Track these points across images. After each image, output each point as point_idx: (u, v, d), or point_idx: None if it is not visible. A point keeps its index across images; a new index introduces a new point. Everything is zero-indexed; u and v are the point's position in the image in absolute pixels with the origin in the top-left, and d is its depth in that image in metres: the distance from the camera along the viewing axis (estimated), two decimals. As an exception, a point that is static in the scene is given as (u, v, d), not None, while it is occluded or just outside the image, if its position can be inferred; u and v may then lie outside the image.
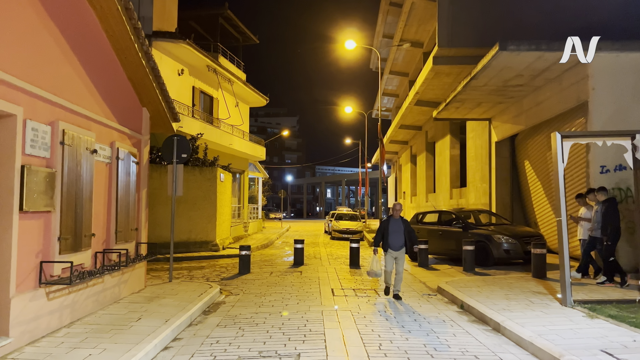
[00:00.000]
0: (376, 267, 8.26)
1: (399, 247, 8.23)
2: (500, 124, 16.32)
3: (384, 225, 8.32)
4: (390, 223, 8.27)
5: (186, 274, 11.49)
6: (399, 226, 8.24)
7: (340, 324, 6.49)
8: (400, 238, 8.20)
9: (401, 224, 8.27)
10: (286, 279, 10.60)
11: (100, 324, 6.00)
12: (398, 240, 8.20)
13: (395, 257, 8.24)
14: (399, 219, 8.33)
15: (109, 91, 7.21)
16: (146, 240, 8.81)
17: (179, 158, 9.80)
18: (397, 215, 8.36)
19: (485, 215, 14.48)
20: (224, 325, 6.52)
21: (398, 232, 8.20)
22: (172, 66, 19.16)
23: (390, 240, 8.17)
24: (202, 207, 16.25)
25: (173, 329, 5.91)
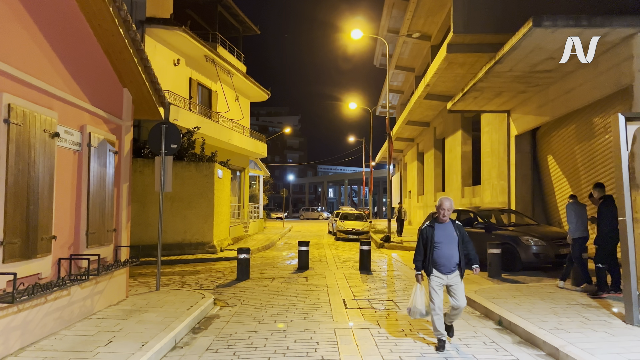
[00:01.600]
0: (421, 302, 5.43)
1: (451, 267, 5.22)
2: (520, 116, 15.07)
3: (426, 235, 5.34)
4: (437, 231, 5.28)
5: (178, 280, 10.27)
6: (449, 235, 5.23)
7: (359, 349, 5.26)
8: (453, 253, 5.20)
9: (453, 230, 5.26)
10: (290, 286, 9.37)
11: (57, 350, 4.78)
12: (450, 257, 5.20)
13: (447, 284, 5.27)
14: (448, 224, 5.30)
15: (79, 64, 5.99)
16: (128, 243, 7.59)
17: (167, 149, 8.58)
18: (447, 218, 5.30)
19: (507, 215, 13.21)
20: (215, 350, 5.30)
21: (449, 245, 5.21)
22: (168, 56, 17.95)
23: (436, 257, 5.23)
24: (198, 206, 15.04)
25: (150, 357, 4.69)
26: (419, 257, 5.42)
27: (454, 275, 5.28)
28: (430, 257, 5.28)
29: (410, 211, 37.66)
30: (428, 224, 5.45)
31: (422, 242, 5.41)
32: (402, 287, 9.39)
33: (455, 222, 5.37)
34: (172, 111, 16.10)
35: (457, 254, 5.23)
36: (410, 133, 33.80)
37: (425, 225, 5.44)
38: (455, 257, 5.23)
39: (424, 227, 5.43)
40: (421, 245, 5.40)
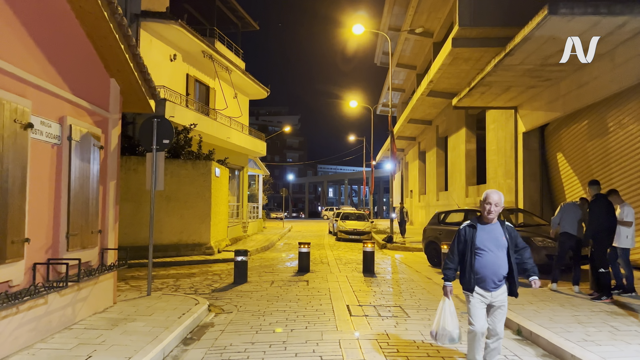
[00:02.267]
0: (452, 324, 4.19)
1: (496, 282, 4.04)
2: (529, 112, 14.54)
3: (465, 237, 4.13)
4: (479, 233, 4.06)
5: (172, 284, 9.72)
6: (497, 239, 4.05)
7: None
8: (500, 264, 4.02)
9: (502, 234, 4.06)
10: (290, 290, 8.83)
11: (28, 368, 4.25)
12: (496, 269, 4.01)
13: (491, 303, 4.09)
14: (495, 225, 4.11)
15: (58, 50, 5.45)
16: (116, 245, 7.05)
17: (159, 145, 8.03)
18: (494, 216, 4.09)
19: (515, 215, 12.66)
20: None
21: (496, 252, 4.02)
22: (164, 51, 17.41)
23: (478, 267, 4.03)
24: (194, 205, 14.49)
25: (132, 376, 4.15)
26: (450, 265, 4.20)
27: (499, 293, 4.05)
28: (471, 268, 4.04)
29: (412, 211, 37.13)
30: (469, 223, 4.17)
31: (457, 247, 4.15)
32: (409, 291, 8.86)
33: (505, 224, 4.12)
34: (168, 107, 15.56)
35: (505, 264, 4.01)
36: (412, 131, 33.28)
37: (465, 225, 4.19)
38: (504, 268, 4.01)
39: (463, 227, 4.18)
40: (456, 250, 4.16)
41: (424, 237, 13.24)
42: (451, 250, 4.25)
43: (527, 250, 4.24)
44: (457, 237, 4.21)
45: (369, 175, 48.24)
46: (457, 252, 4.19)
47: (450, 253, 4.26)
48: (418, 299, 8.05)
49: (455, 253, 4.20)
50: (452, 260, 4.23)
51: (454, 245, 4.22)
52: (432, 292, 8.77)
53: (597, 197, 7.76)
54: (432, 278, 10.43)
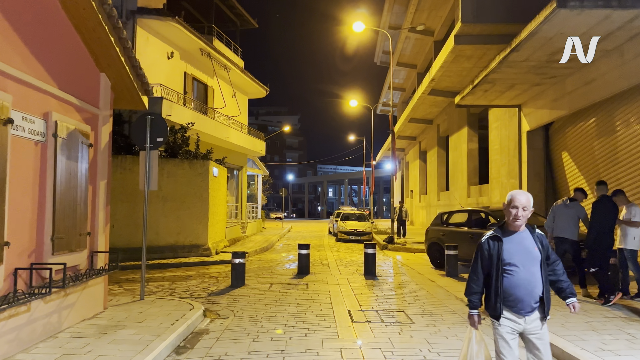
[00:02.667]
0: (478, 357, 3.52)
1: (531, 304, 3.26)
2: (533, 110, 14.23)
3: (489, 251, 3.33)
4: (507, 246, 3.28)
5: (167, 287, 9.41)
6: (528, 251, 3.27)
7: (371, 377, 4.42)
8: (534, 281, 3.24)
9: (533, 244, 3.29)
10: (289, 294, 8.52)
11: (5, 383, 3.94)
12: (530, 288, 3.24)
13: (525, 330, 3.29)
14: (525, 233, 3.32)
15: (43, 42, 5.15)
16: (106, 248, 6.74)
17: (153, 143, 7.72)
18: (522, 223, 3.31)
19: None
20: (200, 378, 4.46)
21: (528, 267, 3.25)
22: (161, 48, 17.10)
23: (509, 287, 3.25)
24: (192, 206, 14.18)
25: (117, 391, 3.84)
26: (475, 288, 3.40)
27: (535, 317, 3.24)
28: (498, 289, 3.24)
29: (412, 211, 36.83)
30: (491, 234, 3.35)
31: (481, 263, 3.34)
32: (412, 295, 8.55)
33: (535, 231, 3.33)
34: (164, 106, 15.25)
35: (540, 281, 3.22)
36: (412, 131, 33.00)
37: (487, 237, 3.36)
38: (538, 287, 3.21)
39: (485, 240, 3.36)
40: (479, 269, 3.35)
41: (426, 238, 12.94)
42: (473, 270, 3.40)
43: (559, 264, 3.43)
44: (480, 253, 3.36)
45: (368, 175, 47.94)
46: (481, 271, 3.35)
47: (472, 273, 3.42)
48: (422, 303, 7.74)
49: (479, 272, 3.35)
50: (475, 282, 3.39)
51: (476, 264, 3.38)
52: (436, 295, 8.46)
53: (601, 198, 7.56)
54: (435, 281, 10.13)
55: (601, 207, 7.51)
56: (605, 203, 7.48)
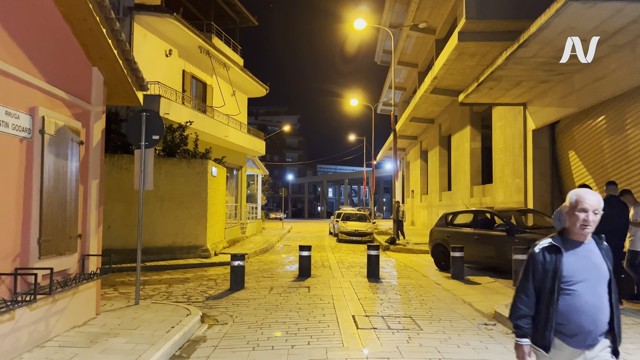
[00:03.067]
0: None
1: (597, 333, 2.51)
2: (539, 108, 13.92)
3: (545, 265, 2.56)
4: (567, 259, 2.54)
5: (163, 290, 9.09)
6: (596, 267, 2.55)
7: (380, 391, 4.10)
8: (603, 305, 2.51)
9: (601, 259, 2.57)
10: (290, 298, 8.20)
11: (-17, 400, 3.62)
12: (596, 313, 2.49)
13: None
14: (590, 245, 2.60)
15: (28, 33, 4.83)
16: (99, 251, 6.42)
17: (148, 140, 7.41)
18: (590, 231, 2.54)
19: (530, 216, 12.03)
20: (196, 392, 4.14)
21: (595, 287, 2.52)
22: (159, 46, 16.78)
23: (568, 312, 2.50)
24: (190, 206, 13.85)
25: (105, 409, 3.52)
26: (524, 310, 2.58)
27: (597, 351, 2.52)
28: (551, 312, 2.50)
29: (413, 211, 36.52)
30: (549, 243, 2.59)
31: (532, 280, 2.58)
32: (418, 298, 8.23)
33: (602, 243, 2.64)
34: (162, 104, 14.94)
35: (608, 306, 2.52)
36: (413, 130, 32.70)
37: (542, 246, 2.59)
38: (606, 313, 2.51)
39: (539, 249, 2.59)
40: (530, 285, 2.58)
41: (430, 239, 12.63)
42: (522, 288, 2.61)
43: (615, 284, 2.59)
44: (531, 267, 2.59)
45: (369, 175, 47.66)
46: (533, 289, 2.57)
47: (520, 291, 2.61)
48: (429, 308, 7.43)
49: (530, 290, 2.57)
50: (525, 303, 2.58)
51: (526, 280, 2.60)
52: (443, 299, 8.15)
53: (608, 198, 7.32)
54: (441, 283, 9.81)
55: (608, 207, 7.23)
56: (613, 204, 7.20)
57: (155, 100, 14.84)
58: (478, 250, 11.05)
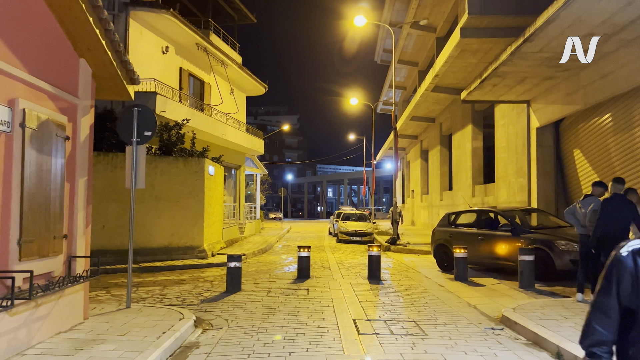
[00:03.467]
0: None
1: None
2: (543, 106, 13.63)
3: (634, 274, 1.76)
4: None
5: (157, 293, 8.78)
6: None
7: (384, 405, 3.79)
8: None
9: None
10: (288, 301, 7.90)
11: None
12: None
13: None
14: None
15: (7, 21, 4.52)
16: (87, 252, 6.12)
17: (140, 137, 7.10)
18: None
19: (534, 216, 11.72)
20: (185, 405, 3.83)
21: None
22: (155, 42, 16.46)
23: None
24: (187, 206, 13.55)
25: None
26: (603, 333, 1.82)
27: None
28: None
29: (414, 211, 36.23)
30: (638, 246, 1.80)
31: (617, 292, 1.80)
32: (421, 301, 7.93)
33: None
34: (158, 102, 14.61)
35: None
36: (414, 130, 32.41)
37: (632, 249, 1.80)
38: None
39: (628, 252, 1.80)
40: (615, 300, 1.82)
41: (432, 239, 12.33)
42: (600, 303, 1.85)
43: None
44: (616, 274, 1.82)
45: (368, 175, 47.35)
46: (617, 306, 1.82)
47: (597, 308, 1.86)
48: (433, 312, 7.13)
49: (613, 308, 1.82)
50: (604, 324, 1.82)
51: (607, 293, 1.84)
52: (447, 302, 7.84)
53: (612, 196, 7.14)
54: (444, 285, 9.51)
55: (609, 205, 7.06)
56: (616, 202, 7.02)
57: (151, 98, 14.53)
58: (482, 251, 10.74)
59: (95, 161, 12.88)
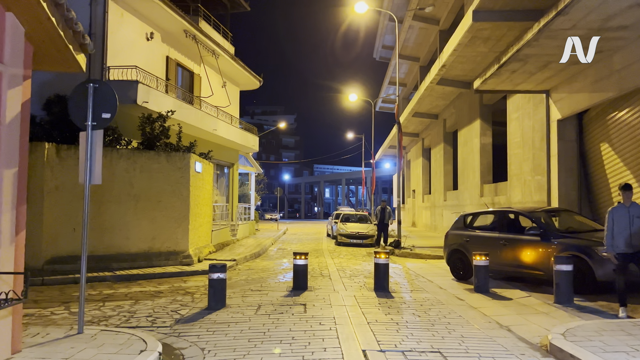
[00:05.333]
0: None
1: None
2: (566, 95, 12.29)
3: None
4: None
5: (126, 309, 7.37)
6: None
7: None
8: None
9: None
10: (282, 322, 6.50)
11: None
12: None
13: None
14: None
15: None
16: (18, 267, 4.71)
17: (97, 120, 5.71)
18: None
19: (568, 217, 10.31)
20: None
21: None
22: (138, 28, 15.04)
23: None
24: (169, 206, 12.13)
25: None
26: None
27: None
28: None
29: (414, 212, 34.91)
30: None
31: None
32: (442, 321, 6.55)
33: None
34: (141, 91, 13.19)
35: None
36: (415, 127, 31.08)
37: None
38: None
39: None
40: None
41: (445, 244, 10.96)
42: None
43: None
44: None
45: (367, 175, 45.98)
46: None
47: None
48: (460, 337, 5.75)
49: None
50: None
51: None
52: (473, 322, 6.48)
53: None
54: (464, 299, 8.15)
55: None
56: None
57: (132, 87, 13.12)
58: (504, 258, 9.38)
59: (64, 155, 11.46)
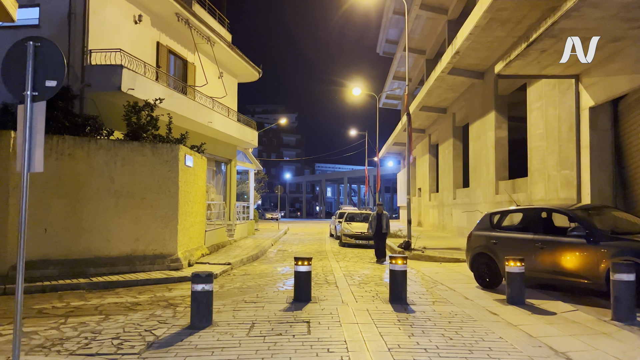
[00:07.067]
0: None
1: None
2: (600, 79, 10.95)
3: None
4: None
5: (91, 328, 6.04)
6: None
7: None
8: None
9: None
10: (280, 348, 5.18)
11: None
12: None
13: None
14: None
15: None
16: None
17: (39, 89, 4.39)
18: None
19: (611, 215, 8.93)
20: None
21: None
22: (124, 9, 13.75)
23: None
24: (155, 203, 10.82)
25: None
26: None
27: None
28: None
29: (420, 211, 33.58)
30: None
31: None
32: (482, 346, 5.22)
33: None
34: (125, 77, 11.91)
35: None
36: (422, 122, 29.73)
37: None
38: None
39: None
40: None
41: (468, 246, 9.62)
42: None
43: None
44: None
45: (369, 174, 44.67)
46: None
47: None
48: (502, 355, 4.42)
49: None
50: None
51: None
52: (518, 345, 5.15)
53: None
54: (497, 313, 6.82)
55: None
56: None
57: (116, 72, 11.86)
58: (541, 263, 8.02)
59: (34, 146, 10.23)
